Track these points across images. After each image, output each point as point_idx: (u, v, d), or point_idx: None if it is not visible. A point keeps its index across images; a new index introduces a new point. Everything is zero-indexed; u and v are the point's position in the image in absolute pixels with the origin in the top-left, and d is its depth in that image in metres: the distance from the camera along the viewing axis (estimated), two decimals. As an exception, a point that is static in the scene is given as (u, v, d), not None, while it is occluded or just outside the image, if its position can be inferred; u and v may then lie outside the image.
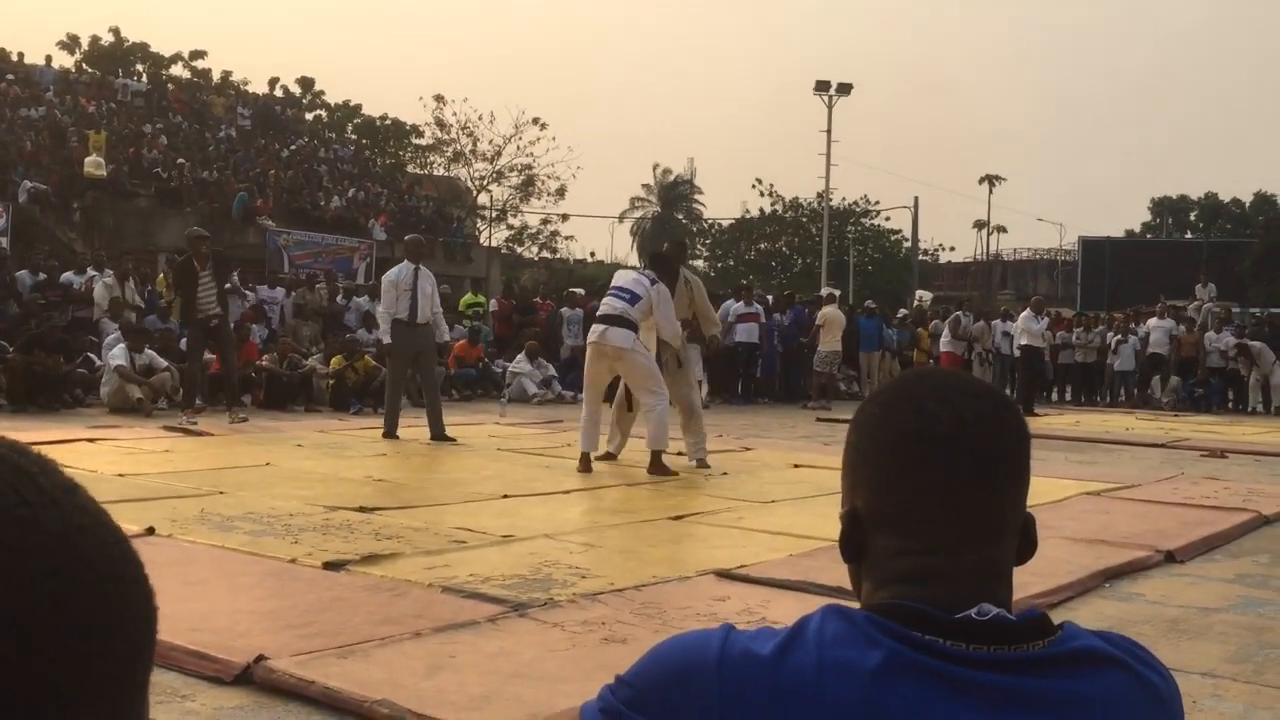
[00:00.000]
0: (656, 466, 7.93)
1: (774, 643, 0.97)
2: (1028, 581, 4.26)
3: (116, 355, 12.37)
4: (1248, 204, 59.58)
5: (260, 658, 3.27)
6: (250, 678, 3.21)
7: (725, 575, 4.72)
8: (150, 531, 5.11)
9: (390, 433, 10.16)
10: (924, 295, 19.30)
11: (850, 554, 1.08)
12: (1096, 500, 7.39)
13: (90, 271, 15.68)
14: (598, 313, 8.48)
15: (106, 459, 7.75)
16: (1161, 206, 63.80)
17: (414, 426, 10.45)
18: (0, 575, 0.46)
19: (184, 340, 12.07)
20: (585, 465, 8.06)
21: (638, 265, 50.89)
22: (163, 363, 12.39)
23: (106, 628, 0.49)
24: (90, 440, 9.01)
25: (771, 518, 6.33)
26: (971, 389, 1.07)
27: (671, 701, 0.97)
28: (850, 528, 1.07)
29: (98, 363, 12.98)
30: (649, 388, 8.05)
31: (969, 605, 0.98)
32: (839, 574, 1.12)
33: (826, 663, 0.94)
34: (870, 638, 0.96)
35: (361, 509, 6.05)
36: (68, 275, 15.64)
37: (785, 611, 3.77)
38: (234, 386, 11.43)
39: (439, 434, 9.98)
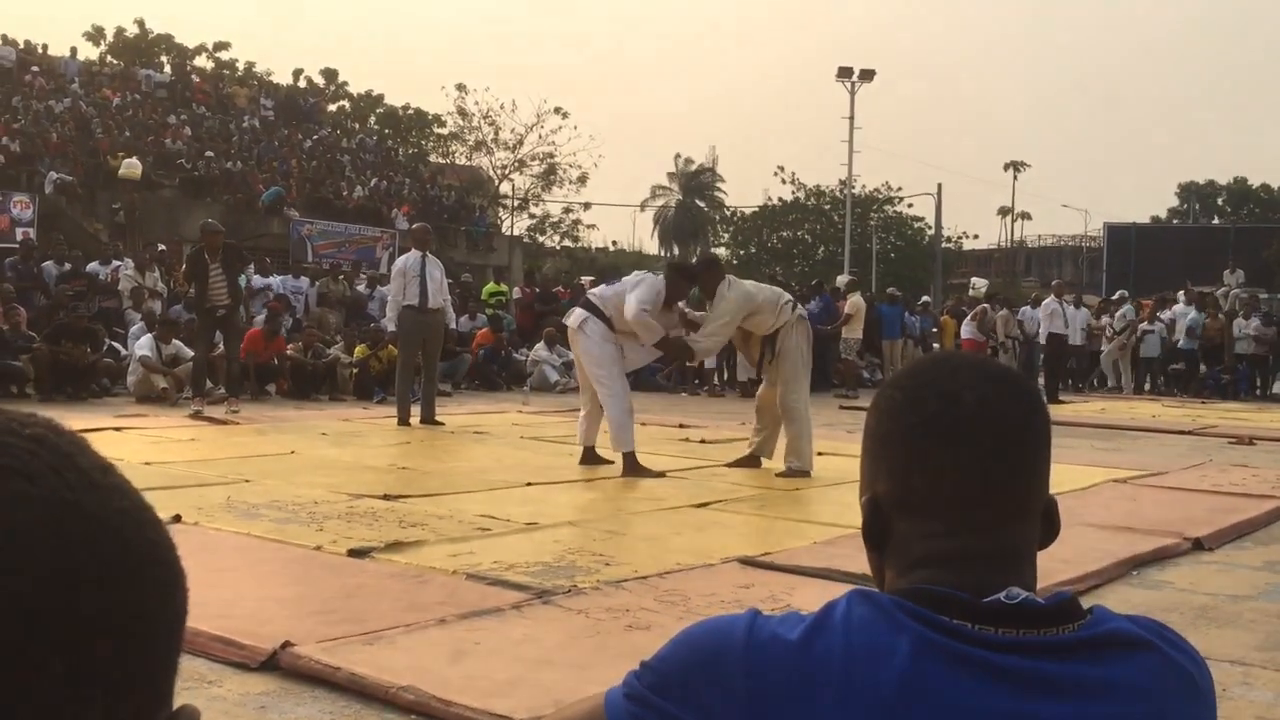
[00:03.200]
0: (628, 468, 7.25)
1: (801, 628, 0.96)
2: (1055, 569, 4.23)
3: (142, 345, 12.46)
4: (1276, 189, 58.93)
5: (286, 644, 3.29)
6: (276, 664, 3.23)
7: (749, 563, 4.72)
8: (177, 519, 5.14)
9: (404, 420, 10.20)
10: (978, 283, 19.09)
11: (873, 541, 1.07)
12: (1123, 487, 7.34)
13: (115, 262, 15.80)
14: None
15: (133, 447, 7.80)
16: (1189, 192, 63.19)
17: (440, 413, 10.49)
18: (45, 561, 0.46)
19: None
20: (586, 459, 7.59)
21: (659, 254, 50.60)
22: (189, 353, 12.46)
23: (147, 610, 0.50)
24: (117, 429, 9.08)
25: (795, 505, 6.32)
26: (991, 371, 1.06)
27: (697, 686, 0.96)
28: (872, 515, 1.06)
29: (123, 352, 13.08)
30: (596, 377, 7.37)
31: (996, 589, 0.97)
32: (864, 561, 1.11)
33: (854, 648, 0.93)
34: (897, 623, 0.95)
35: (385, 497, 6.08)
36: (93, 265, 15.75)
37: (810, 599, 3.76)
38: (235, 377, 11.51)
39: (428, 418, 10.28)
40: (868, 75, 35.94)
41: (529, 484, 6.81)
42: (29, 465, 0.48)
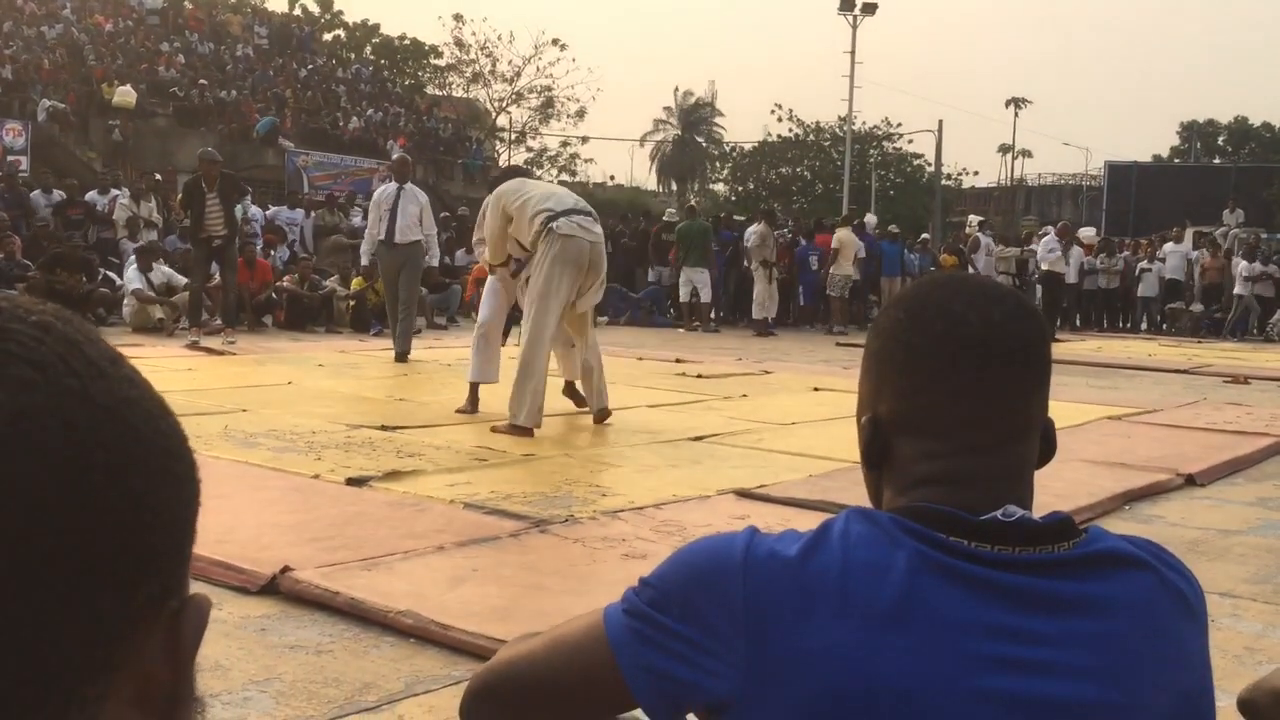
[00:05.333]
0: (468, 399, 6.95)
1: (799, 544, 0.97)
2: (1048, 502, 4.23)
3: (131, 278, 12.42)
4: (1277, 128, 58.47)
5: (286, 569, 3.32)
6: (276, 588, 3.26)
7: (745, 495, 4.75)
8: (175, 447, 5.15)
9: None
10: (974, 219, 19.11)
11: (872, 461, 1.07)
12: (1118, 424, 7.37)
13: (113, 191, 15.69)
14: None
15: (130, 377, 7.79)
16: (1190, 130, 62.68)
17: (433, 348, 10.49)
18: (50, 449, 0.45)
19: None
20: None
21: (657, 190, 50.06)
22: (182, 281, 12.42)
23: (156, 500, 0.49)
24: (114, 359, 9.07)
25: (791, 439, 6.34)
26: (993, 291, 1.06)
27: (697, 602, 0.97)
28: (872, 435, 1.06)
29: (119, 282, 13.04)
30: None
31: (993, 507, 0.98)
32: (858, 494, 1.11)
33: (851, 563, 0.94)
34: (895, 539, 0.95)
35: (383, 427, 6.10)
36: (91, 195, 15.62)
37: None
38: (230, 308, 11.48)
39: (401, 351, 10.02)
40: (870, 9, 35.43)
41: (526, 416, 6.81)
42: (35, 352, 0.47)
